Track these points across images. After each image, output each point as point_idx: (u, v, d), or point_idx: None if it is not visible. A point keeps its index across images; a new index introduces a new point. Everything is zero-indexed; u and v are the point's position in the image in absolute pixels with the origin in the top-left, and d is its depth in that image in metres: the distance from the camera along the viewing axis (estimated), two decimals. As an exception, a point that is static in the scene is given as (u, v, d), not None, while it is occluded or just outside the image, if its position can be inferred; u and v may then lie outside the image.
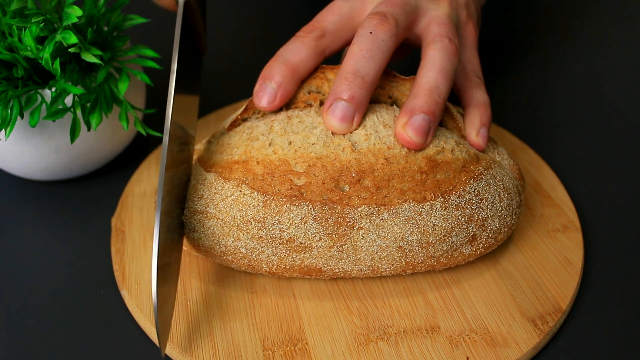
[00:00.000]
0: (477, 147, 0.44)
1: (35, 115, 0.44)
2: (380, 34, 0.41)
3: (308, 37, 0.43)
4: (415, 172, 0.40)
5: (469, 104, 0.46)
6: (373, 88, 0.41)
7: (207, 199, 0.41)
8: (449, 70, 0.41)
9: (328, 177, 0.39)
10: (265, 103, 0.42)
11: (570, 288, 0.43)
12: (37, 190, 0.53)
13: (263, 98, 0.42)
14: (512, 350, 0.40)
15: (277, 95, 0.42)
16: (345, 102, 0.40)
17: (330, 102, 0.40)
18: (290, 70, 0.42)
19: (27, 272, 0.47)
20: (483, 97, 0.46)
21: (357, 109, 0.40)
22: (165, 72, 0.63)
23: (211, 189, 0.41)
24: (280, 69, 0.42)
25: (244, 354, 0.40)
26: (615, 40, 0.74)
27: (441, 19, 0.44)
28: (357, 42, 0.41)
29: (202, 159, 0.43)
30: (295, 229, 0.39)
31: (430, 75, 0.41)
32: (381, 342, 0.40)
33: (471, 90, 0.46)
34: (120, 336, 0.42)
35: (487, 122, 0.45)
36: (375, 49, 0.40)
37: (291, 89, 0.42)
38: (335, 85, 0.40)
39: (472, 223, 0.41)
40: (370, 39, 0.41)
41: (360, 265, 0.41)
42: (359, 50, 0.40)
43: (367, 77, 0.40)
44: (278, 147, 0.40)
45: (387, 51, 0.41)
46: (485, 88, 0.47)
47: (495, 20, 0.77)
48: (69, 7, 0.43)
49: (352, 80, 0.40)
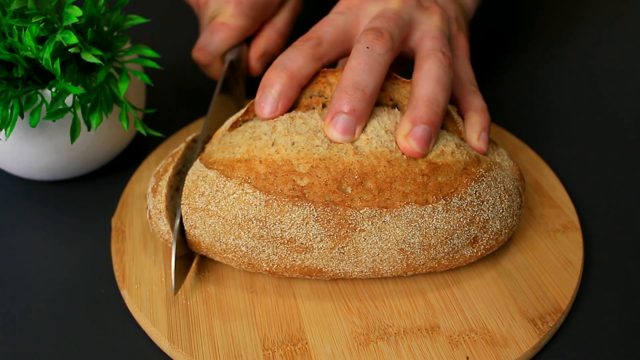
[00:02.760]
0: (479, 151, 0.44)
1: (35, 115, 0.44)
2: (377, 48, 0.41)
3: (305, 46, 0.43)
4: (417, 174, 0.40)
5: (468, 110, 0.46)
6: (373, 100, 0.41)
7: (209, 196, 0.41)
8: (445, 82, 0.42)
9: (331, 178, 0.39)
10: (268, 113, 0.42)
11: (570, 288, 0.44)
12: (37, 190, 0.53)
13: (265, 108, 0.42)
14: (512, 350, 0.40)
15: (278, 104, 0.42)
16: (347, 115, 0.40)
17: (332, 115, 0.40)
18: (289, 77, 0.42)
19: (27, 272, 0.47)
20: (480, 103, 0.46)
21: (358, 121, 0.40)
22: (165, 72, 0.63)
23: (213, 186, 0.41)
24: (279, 77, 0.42)
25: (244, 354, 0.40)
26: (615, 41, 0.74)
27: (434, 33, 0.44)
28: (355, 56, 0.41)
29: (204, 157, 0.43)
30: (296, 229, 0.39)
31: (428, 87, 0.41)
32: (381, 342, 0.40)
33: (469, 97, 0.47)
34: (120, 336, 0.42)
35: (487, 126, 0.45)
36: (373, 62, 0.41)
37: (292, 96, 0.43)
38: (336, 99, 0.41)
39: (473, 225, 0.41)
40: (368, 53, 0.41)
41: (361, 267, 0.41)
42: (358, 64, 0.41)
43: (367, 90, 0.40)
44: (281, 147, 0.40)
45: (385, 64, 0.41)
46: (481, 95, 0.47)
47: (495, 20, 0.77)
48: (69, 7, 0.43)
49: (352, 94, 0.40)
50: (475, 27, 0.60)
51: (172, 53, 0.67)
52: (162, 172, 0.45)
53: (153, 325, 0.41)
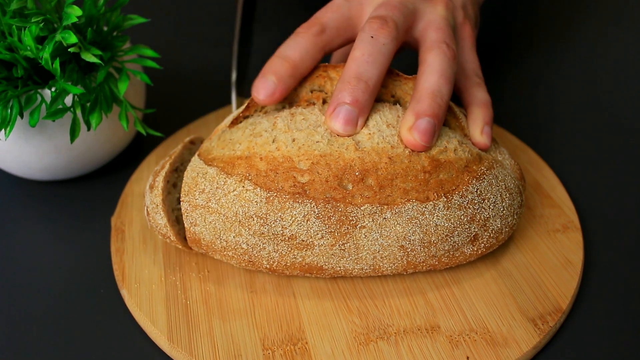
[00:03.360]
0: (482, 145, 0.44)
1: (35, 115, 0.44)
2: (381, 37, 0.41)
3: (308, 33, 0.43)
4: (418, 171, 0.40)
5: (471, 103, 0.46)
6: (376, 92, 0.41)
7: (209, 193, 0.41)
8: (449, 74, 0.42)
9: (331, 175, 0.39)
10: (264, 95, 0.42)
11: (570, 288, 0.43)
12: (37, 190, 0.53)
13: (261, 90, 0.42)
14: (512, 350, 0.40)
15: (276, 89, 0.42)
16: (349, 105, 0.40)
17: (334, 106, 0.40)
18: (291, 66, 0.42)
19: (27, 272, 0.47)
20: (484, 96, 0.46)
21: (360, 112, 0.40)
22: (165, 72, 0.63)
23: (213, 183, 0.41)
24: (281, 65, 0.42)
25: (244, 354, 0.40)
26: (616, 41, 0.74)
27: (438, 23, 0.44)
28: (359, 46, 0.41)
29: (203, 153, 0.43)
30: (297, 226, 0.39)
31: (431, 80, 0.41)
32: (381, 341, 0.40)
33: (472, 90, 0.46)
34: (120, 336, 0.42)
35: (490, 120, 0.45)
36: (377, 52, 0.41)
37: (291, 85, 0.42)
38: (338, 90, 0.40)
39: (474, 223, 0.41)
40: (372, 43, 0.41)
41: (362, 264, 0.41)
42: (361, 55, 0.41)
43: (370, 81, 0.40)
44: (282, 144, 0.40)
45: (389, 54, 0.41)
46: (486, 87, 0.47)
47: (496, 20, 0.77)
48: (68, 7, 0.43)
49: (355, 85, 0.40)
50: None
51: (172, 53, 0.67)
52: (159, 170, 0.45)
53: (152, 324, 0.41)
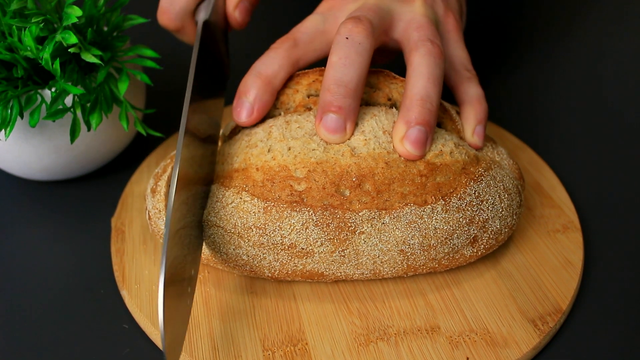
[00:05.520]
0: (474, 146, 0.44)
1: (35, 115, 0.44)
2: (356, 37, 0.40)
3: (281, 48, 0.43)
4: (415, 175, 0.40)
5: (463, 101, 0.45)
6: (359, 93, 0.41)
7: (208, 207, 0.41)
8: (437, 75, 0.41)
9: (328, 182, 0.39)
10: (244, 117, 0.43)
11: (570, 288, 0.44)
12: (37, 190, 0.53)
13: (241, 113, 0.43)
14: (512, 351, 0.40)
15: (253, 109, 0.42)
16: (334, 113, 0.40)
17: (320, 116, 0.40)
18: (264, 83, 0.42)
19: (27, 272, 0.47)
20: (476, 91, 0.45)
21: (347, 118, 0.40)
22: (165, 72, 0.63)
23: (212, 197, 0.41)
24: (254, 82, 0.42)
25: (244, 354, 0.40)
26: (616, 40, 0.74)
27: (418, 21, 0.43)
28: (335, 50, 0.41)
29: None
30: (296, 234, 0.39)
31: (419, 85, 0.41)
32: (381, 342, 0.40)
33: (463, 86, 0.46)
34: (120, 336, 0.42)
35: (483, 118, 0.44)
36: (354, 53, 0.40)
37: (267, 100, 0.43)
38: (321, 99, 0.40)
39: (473, 225, 0.41)
40: (347, 44, 0.40)
41: (362, 269, 0.41)
42: (338, 59, 0.40)
43: (350, 84, 0.40)
44: (277, 153, 0.40)
45: (366, 53, 0.40)
46: (478, 80, 0.46)
47: (495, 19, 0.77)
48: (68, 7, 0.43)
49: (335, 91, 0.40)
50: (476, 27, 0.60)
51: (172, 53, 0.67)
52: (160, 173, 0.45)
53: (153, 325, 0.41)
